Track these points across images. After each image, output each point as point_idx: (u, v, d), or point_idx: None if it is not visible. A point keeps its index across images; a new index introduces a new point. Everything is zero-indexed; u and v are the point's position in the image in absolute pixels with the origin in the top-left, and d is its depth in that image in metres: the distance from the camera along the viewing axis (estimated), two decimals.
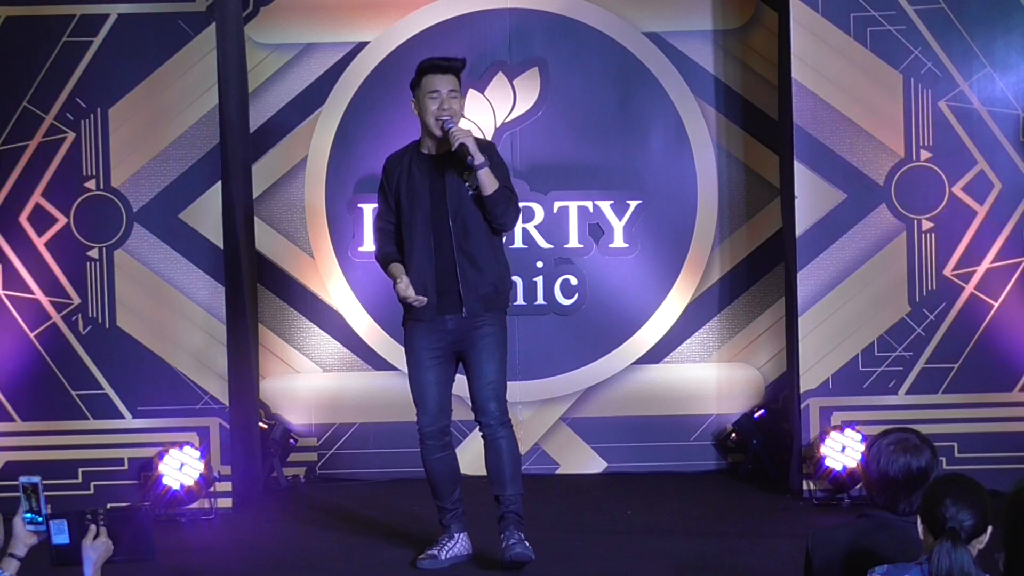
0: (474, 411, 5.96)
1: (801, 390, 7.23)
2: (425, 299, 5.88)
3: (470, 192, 5.87)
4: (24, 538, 4.04)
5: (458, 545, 6.07)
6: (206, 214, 7.23)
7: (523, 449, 7.75)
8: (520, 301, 7.92)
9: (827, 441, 7.09)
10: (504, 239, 6.11)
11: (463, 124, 6.01)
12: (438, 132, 5.86)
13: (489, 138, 7.74)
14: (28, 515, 4.03)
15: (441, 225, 5.89)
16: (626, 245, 7.97)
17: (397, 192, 5.99)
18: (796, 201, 7.25)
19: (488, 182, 5.81)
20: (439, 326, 5.93)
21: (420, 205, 5.92)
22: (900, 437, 3.99)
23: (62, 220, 7.23)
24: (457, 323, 5.91)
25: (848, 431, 7.09)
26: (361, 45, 7.97)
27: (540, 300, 7.93)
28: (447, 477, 6.04)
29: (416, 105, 5.98)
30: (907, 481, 3.88)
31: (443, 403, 6.01)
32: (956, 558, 3.48)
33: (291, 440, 7.88)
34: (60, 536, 4.02)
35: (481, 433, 5.97)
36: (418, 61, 6.82)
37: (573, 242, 7.97)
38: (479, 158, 5.79)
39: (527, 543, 5.89)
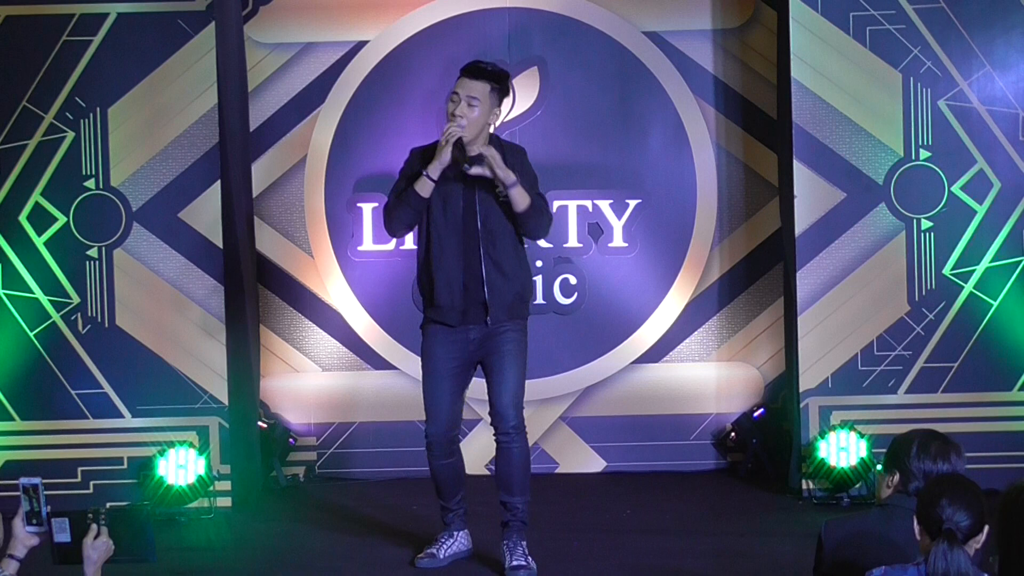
0: (491, 415, 5.94)
1: (800, 389, 7.24)
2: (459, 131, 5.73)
3: (503, 199, 5.80)
4: (24, 539, 4.04)
5: (457, 543, 6.08)
6: (206, 213, 7.23)
7: None
8: None
9: (826, 440, 7.10)
10: (527, 245, 6.05)
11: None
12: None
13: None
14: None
15: (470, 229, 5.83)
16: (625, 244, 7.97)
17: None
18: (795, 200, 7.26)
19: (519, 199, 5.75)
20: (462, 335, 5.89)
21: (452, 207, 5.84)
22: (934, 436, 4.05)
23: (61, 219, 7.23)
24: (480, 332, 5.88)
25: (847, 430, 7.09)
26: (360, 44, 7.96)
27: (539, 299, 7.92)
28: (452, 481, 6.04)
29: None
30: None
31: (455, 414, 5.98)
32: (952, 559, 3.49)
33: (290, 439, 7.88)
34: (62, 534, 4.02)
35: (495, 438, 5.94)
36: (418, 60, 6.83)
37: (572, 241, 7.97)
38: (510, 177, 5.69)
39: (530, 558, 5.90)
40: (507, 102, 6.11)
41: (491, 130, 5.95)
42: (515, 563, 5.86)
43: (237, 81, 7.57)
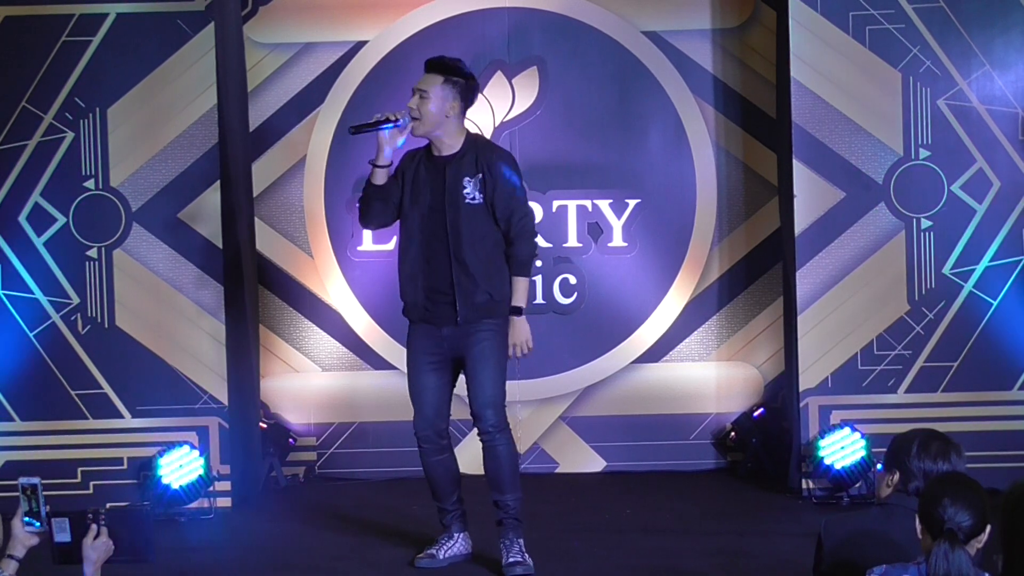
0: (472, 417, 5.95)
1: (800, 389, 7.24)
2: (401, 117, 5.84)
3: (467, 200, 5.84)
4: (23, 539, 4.04)
5: (457, 545, 6.08)
6: (205, 213, 7.23)
7: (522, 448, 7.77)
8: None
9: (826, 440, 7.10)
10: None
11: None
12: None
13: (488, 136, 7.72)
14: (27, 518, 4.03)
15: (438, 229, 5.86)
16: (625, 244, 7.97)
17: (402, 186, 5.96)
18: (795, 200, 7.26)
19: (525, 294, 5.93)
20: (435, 332, 5.92)
21: (419, 206, 5.90)
22: (934, 436, 4.05)
23: (61, 219, 7.23)
24: (452, 330, 5.89)
25: (847, 430, 7.09)
26: (360, 44, 7.96)
27: (539, 299, 7.92)
28: (446, 479, 6.04)
29: None
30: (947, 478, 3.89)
31: (439, 407, 5.99)
32: (953, 560, 3.48)
33: (290, 439, 7.88)
34: (62, 534, 4.03)
35: (479, 439, 5.96)
36: (417, 60, 6.74)
37: (572, 241, 7.97)
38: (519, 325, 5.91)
39: (527, 555, 5.91)
40: (515, 99, 6.14)
41: (459, 123, 5.93)
42: (512, 560, 5.87)
43: (236, 81, 7.56)
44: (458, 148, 5.92)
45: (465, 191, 5.85)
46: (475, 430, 6.00)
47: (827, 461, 7.08)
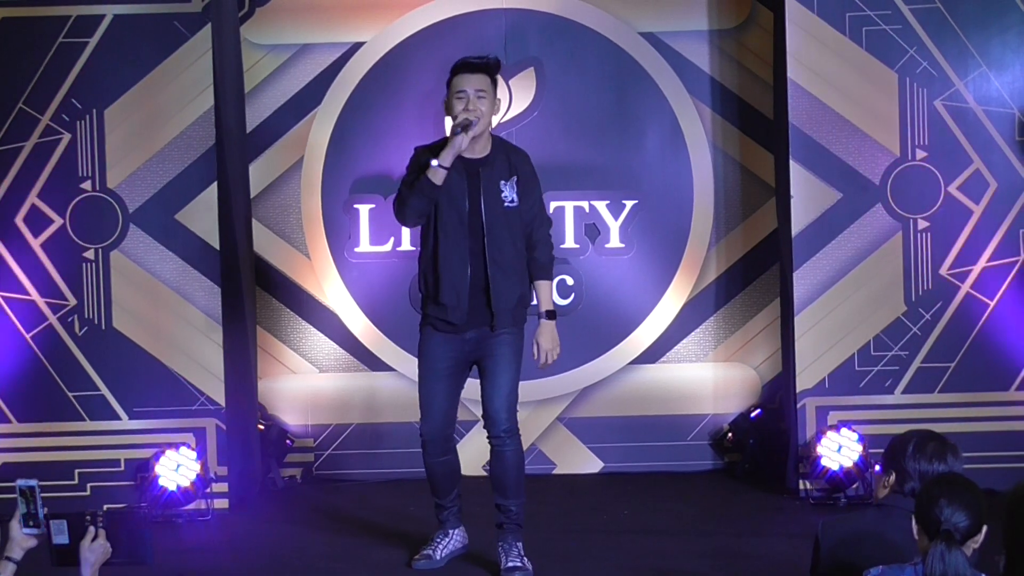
0: (484, 418, 5.93)
1: (797, 389, 7.24)
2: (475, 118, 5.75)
3: (507, 204, 5.83)
4: (20, 541, 4.04)
5: (453, 541, 6.10)
6: (202, 215, 7.23)
7: None
8: None
9: (823, 441, 7.10)
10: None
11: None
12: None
13: None
14: (25, 519, 4.03)
15: (475, 231, 5.82)
16: (622, 245, 7.97)
17: None
18: (792, 201, 7.26)
19: (551, 297, 6.07)
20: (456, 338, 5.89)
21: (456, 207, 5.82)
22: (931, 437, 4.06)
23: (58, 221, 7.22)
24: (477, 333, 5.88)
25: (844, 430, 7.10)
26: (357, 46, 7.96)
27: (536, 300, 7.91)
28: (447, 478, 6.05)
29: (446, 105, 5.90)
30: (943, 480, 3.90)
31: (449, 413, 5.98)
32: (950, 560, 3.49)
33: (287, 441, 7.88)
34: (60, 536, 4.03)
35: (489, 441, 5.95)
36: (414, 61, 6.75)
37: (569, 242, 7.96)
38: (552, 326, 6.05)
39: (526, 559, 5.91)
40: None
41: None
42: (511, 564, 5.87)
43: (234, 82, 7.56)
44: (489, 150, 5.89)
45: (503, 194, 5.83)
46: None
47: (824, 462, 7.08)
